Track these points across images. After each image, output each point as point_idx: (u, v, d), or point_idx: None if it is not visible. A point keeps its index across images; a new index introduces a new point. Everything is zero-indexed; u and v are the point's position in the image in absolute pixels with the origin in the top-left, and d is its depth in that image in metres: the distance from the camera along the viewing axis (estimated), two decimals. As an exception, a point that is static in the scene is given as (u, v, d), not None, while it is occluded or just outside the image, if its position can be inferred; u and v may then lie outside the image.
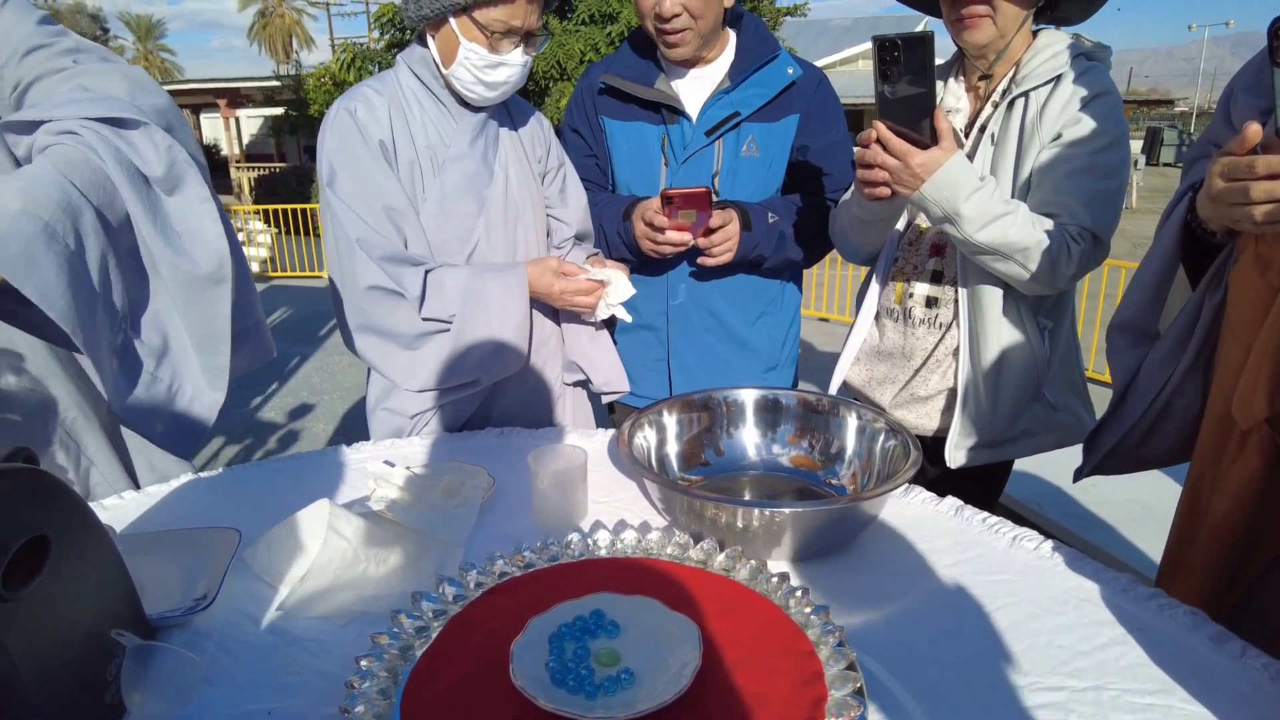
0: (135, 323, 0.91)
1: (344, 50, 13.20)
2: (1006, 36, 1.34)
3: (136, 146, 0.90)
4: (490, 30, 1.27)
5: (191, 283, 0.92)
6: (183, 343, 0.94)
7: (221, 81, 20.99)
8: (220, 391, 0.97)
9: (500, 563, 0.86)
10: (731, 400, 1.19)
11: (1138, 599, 0.89)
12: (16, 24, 0.98)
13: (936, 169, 1.18)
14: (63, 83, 0.96)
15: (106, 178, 0.86)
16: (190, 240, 0.93)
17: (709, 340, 1.70)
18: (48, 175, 0.80)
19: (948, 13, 1.37)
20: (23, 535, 0.64)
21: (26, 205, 0.75)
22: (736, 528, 0.91)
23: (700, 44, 1.55)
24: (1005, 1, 1.30)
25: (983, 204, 1.21)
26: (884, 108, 1.19)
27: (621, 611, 0.76)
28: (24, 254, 0.72)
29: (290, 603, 0.88)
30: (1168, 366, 1.10)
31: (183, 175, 0.93)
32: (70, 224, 0.79)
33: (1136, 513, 2.65)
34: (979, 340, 1.38)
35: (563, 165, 1.58)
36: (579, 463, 1.04)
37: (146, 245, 0.90)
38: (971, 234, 1.22)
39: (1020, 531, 1.02)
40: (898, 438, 1.05)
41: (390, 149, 1.33)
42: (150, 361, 0.90)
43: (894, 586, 0.92)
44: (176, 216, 0.93)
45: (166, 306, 0.93)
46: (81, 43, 1.02)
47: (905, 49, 1.13)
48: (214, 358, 0.95)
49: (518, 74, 1.34)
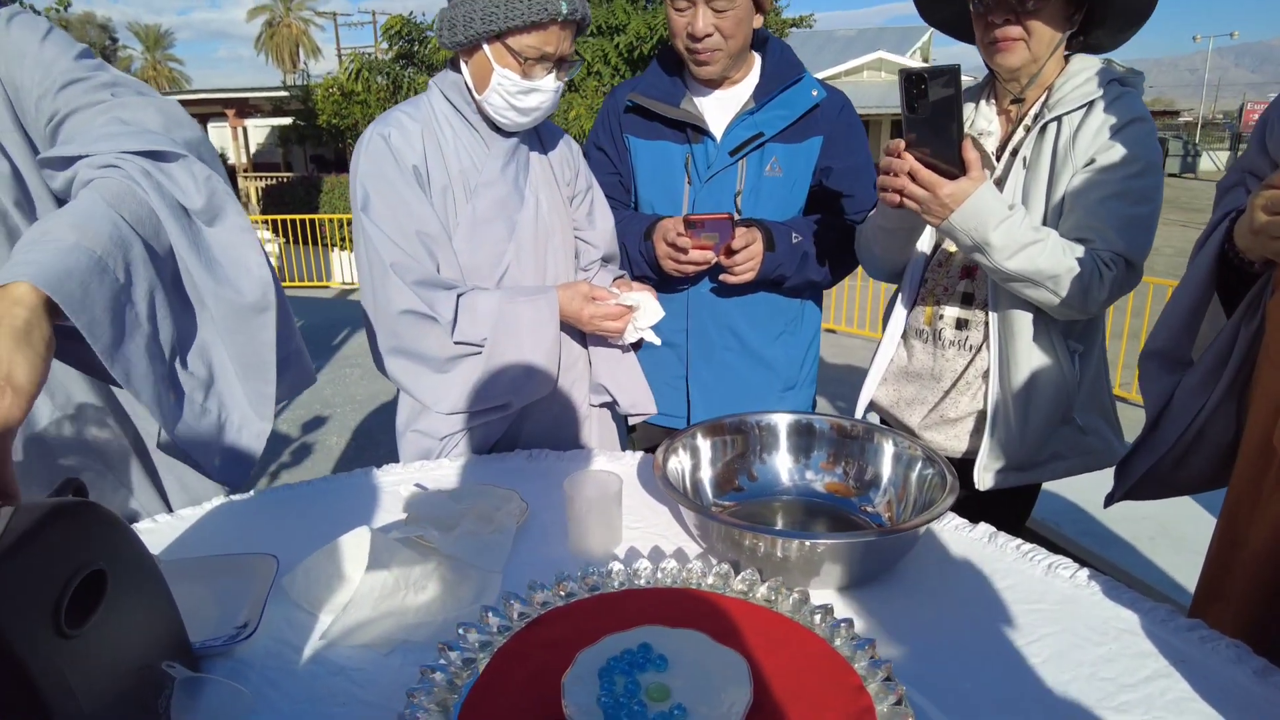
0: (182, 355, 0.92)
1: (352, 60, 13.28)
2: (1039, 60, 1.35)
3: (176, 179, 0.91)
4: (523, 56, 1.28)
5: (236, 312, 0.92)
6: (228, 373, 0.94)
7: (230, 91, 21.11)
8: (267, 421, 0.97)
9: (543, 593, 0.87)
10: (764, 425, 1.19)
11: (1178, 630, 0.89)
12: (57, 57, 1.00)
13: (965, 199, 1.19)
14: (99, 115, 0.97)
15: (151, 211, 0.86)
16: (233, 269, 0.94)
17: (728, 358, 1.70)
18: (98, 208, 0.81)
19: (981, 35, 1.38)
20: (82, 571, 0.64)
21: (81, 239, 0.76)
22: (775, 557, 0.91)
23: (729, 64, 1.57)
24: (1039, 25, 1.31)
25: (1012, 232, 1.21)
26: (912, 139, 1.20)
27: (669, 644, 0.76)
28: (81, 288, 0.73)
29: (334, 632, 0.88)
30: (1202, 393, 1.10)
31: (222, 205, 0.94)
32: (121, 257, 0.79)
33: (1153, 531, 2.64)
34: (1009, 363, 1.38)
35: (590, 188, 1.59)
36: (614, 490, 1.04)
37: (190, 276, 0.91)
38: (1001, 262, 1.23)
39: (1055, 559, 1.02)
40: (934, 466, 1.05)
41: (424, 174, 1.34)
42: (198, 393, 0.90)
43: (933, 617, 0.92)
44: (218, 247, 0.94)
45: (211, 337, 0.93)
46: (119, 77, 1.03)
47: (932, 81, 1.14)
48: (261, 385, 0.96)
49: (550, 100, 1.35)
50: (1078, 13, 1.35)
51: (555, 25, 1.28)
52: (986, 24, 1.35)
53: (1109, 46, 1.44)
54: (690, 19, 1.50)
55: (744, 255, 1.52)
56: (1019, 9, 1.31)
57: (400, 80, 12.72)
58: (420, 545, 1.01)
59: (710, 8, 1.48)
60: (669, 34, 1.59)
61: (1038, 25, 1.31)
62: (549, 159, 1.51)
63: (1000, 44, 1.34)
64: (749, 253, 1.52)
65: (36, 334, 0.67)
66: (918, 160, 1.20)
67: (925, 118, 1.17)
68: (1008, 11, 1.32)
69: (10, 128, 1.00)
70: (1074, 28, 1.36)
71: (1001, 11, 1.32)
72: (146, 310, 0.83)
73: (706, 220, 1.48)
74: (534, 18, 1.25)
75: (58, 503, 0.67)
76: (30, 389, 0.65)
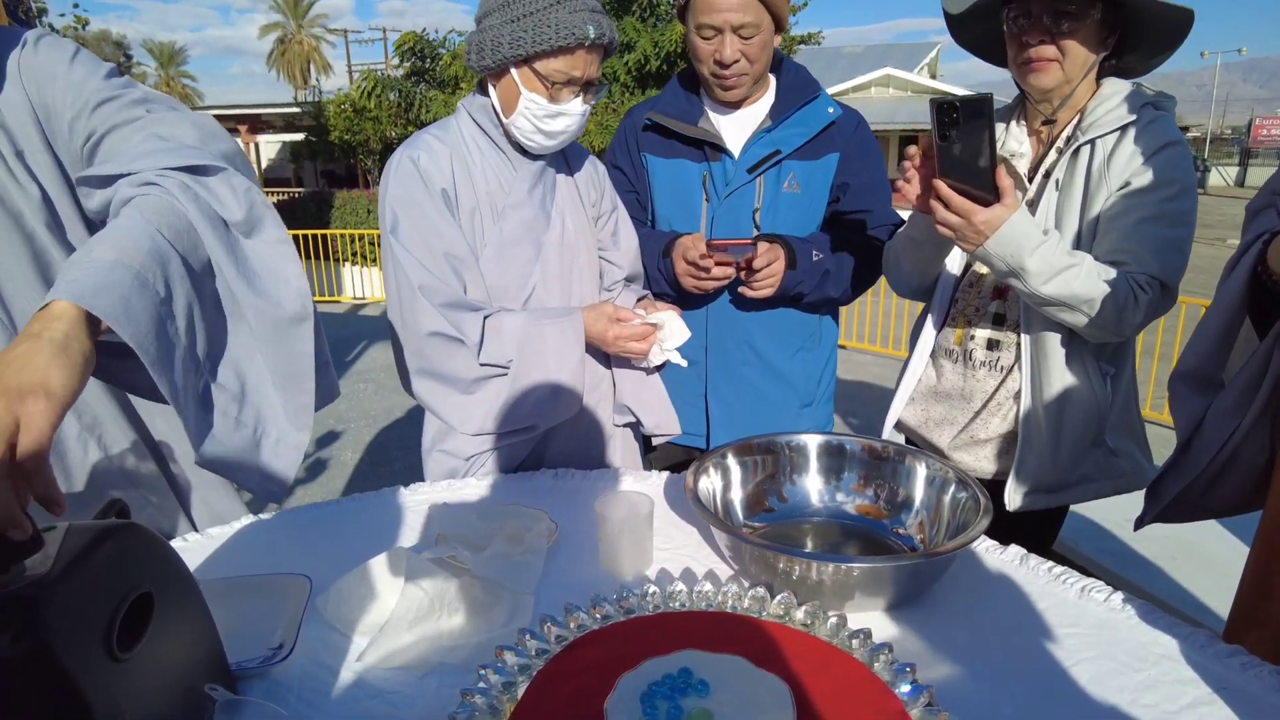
0: (214, 368, 0.92)
1: (364, 77, 13.43)
2: (1073, 82, 1.35)
3: (215, 192, 0.92)
4: (550, 81, 1.29)
5: (276, 324, 0.93)
6: (264, 385, 0.95)
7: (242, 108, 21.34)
8: (305, 431, 0.97)
9: (579, 615, 0.87)
10: (795, 445, 1.19)
11: (1218, 656, 0.88)
12: (87, 77, 1.01)
13: (1000, 225, 1.19)
14: (137, 132, 0.98)
15: (190, 225, 0.87)
16: (272, 281, 0.95)
17: (747, 373, 1.71)
18: (137, 225, 0.82)
19: (1014, 55, 1.39)
20: (131, 594, 0.65)
21: (120, 256, 0.77)
22: (810, 580, 0.91)
23: (752, 86, 1.60)
24: (1074, 46, 1.32)
25: (1047, 257, 1.21)
26: (944, 166, 1.20)
27: (710, 669, 0.76)
28: (122, 301, 0.74)
29: (370, 655, 0.88)
30: (1235, 416, 1.10)
31: (261, 217, 0.95)
32: (160, 271, 0.80)
33: (1175, 550, 2.62)
34: (1041, 384, 1.38)
35: (615, 209, 1.60)
36: (646, 511, 1.04)
37: (229, 289, 0.91)
38: (1037, 287, 1.23)
39: (1088, 582, 1.02)
40: (967, 489, 1.04)
41: (452, 197, 1.35)
42: (233, 407, 0.91)
43: (970, 640, 0.91)
44: (257, 258, 0.95)
45: (247, 350, 0.94)
46: (149, 93, 1.05)
47: (964, 111, 1.14)
48: (299, 395, 0.96)
49: (576, 123, 1.36)
50: (1111, 36, 1.36)
51: (582, 50, 1.29)
52: (1020, 44, 1.36)
53: (1140, 71, 1.44)
54: (717, 47, 1.52)
55: (765, 273, 1.52)
56: (1054, 29, 1.31)
57: (412, 97, 12.84)
58: (453, 566, 1.01)
59: (737, 35, 1.50)
60: (694, 59, 1.60)
61: (1072, 46, 1.32)
62: (575, 180, 1.51)
63: (1034, 64, 1.35)
64: (770, 270, 1.52)
65: (75, 345, 0.68)
66: (951, 188, 1.20)
67: (958, 145, 1.17)
68: (1043, 32, 1.32)
69: (40, 149, 1.02)
70: (1107, 50, 1.36)
71: (1036, 32, 1.33)
72: (185, 324, 0.84)
73: (730, 245, 1.49)
74: (561, 42, 1.26)
75: (106, 525, 0.68)
76: (65, 396, 0.66)
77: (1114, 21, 1.34)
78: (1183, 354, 1.20)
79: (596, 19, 1.29)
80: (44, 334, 0.66)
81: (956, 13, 1.44)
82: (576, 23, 1.26)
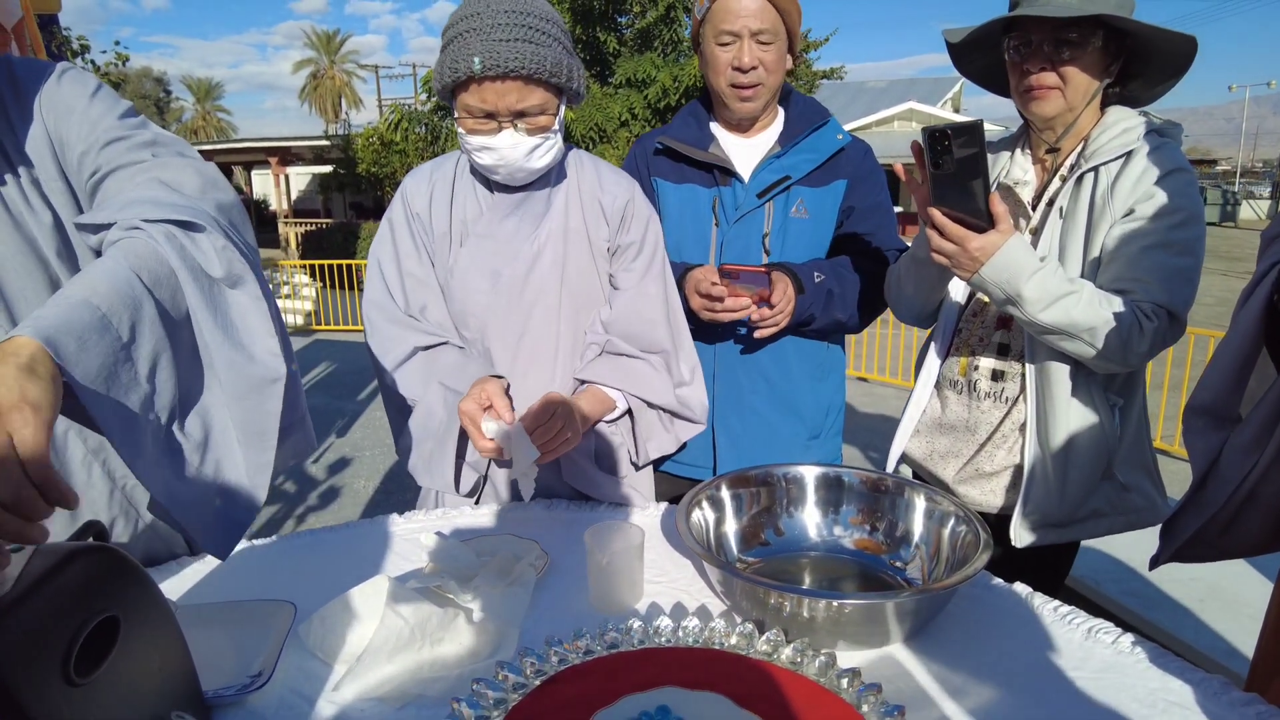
0: (183, 417, 0.92)
1: (392, 111, 13.69)
2: (1075, 109, 1.34)
3: (200, 246, 0.92)
4: (468, 114, 1.25)
5: (248, 380, 0.93)
6: (229, 438, 0.94)
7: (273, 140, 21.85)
8: (262, 491, 0.96)
9: (560, 649, 0.84)
10: (792, 477, 1.16)
11: (1233, 705, 0.83)
12: (103, 115, 1.03)
13: (995, 252, 1.18)
14: (139, 174, 0.99)
15: (171, 272, 0.87)
16: (248, 337, 0.95)
17: (755, 403, 1.69)
18: (115, 267, 0.82)
19: (1015, 84, 1.38)
20: (94, 618, 0.64)
21: (89, 296, 0.78)
22: (802, 616, 0.88)
23: (766, 102, 1.61)
24: (1075, 73, 1.30)
25: (1045, 284, 1.19)
26: (938, 194, 1.19)
27: (688, 708, 0.73)
28: (78, 341, 0.74)
29: (346, 683, 0.86)
30: (1253, 452, 1.05)
31: (241, 275, 0.95)
32: (128, 316, 0.81)
33: (1203, 593, 2.53)
34: (1047, 416, 1.34)
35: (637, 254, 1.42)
36: (637, 542, 1.02)
37: (204, 340, 0.91)
38: (1035, 315, 1.21)
39: (1095, 623, 0.97)
40: (968, 524, 1.01)
41: (426, 219, 1.38)
42: (195, 456, 0.90)
43: (967, 681, 0.87)
44: (236, 313, 0.95)
45: (217, 401, 0.93)
46: (160, 135, 1.06)
47: (956, 138, 1.14)
48: (260, 454, 0.95)
49: (511, 156, 1.26)
50: (1114, 63, 1.34)
51: (490, 81, 1.20)
52: (1022, 72, 1.35)
53: (1145, 100, 1.42)
54: (737, 52, 1.54)
55: (781, 306, 1.49)
56: (1055, 57, 1.30)
57: (438, 130, 13.06)
58: (438, 596, 0.99)
59: (755, 40, 1.52)
60: (711, 75, 1.61)
61: (1074, 73, 1.30)
62: (584, 217, 1.40)
63: (1035, 92, 1.33)
64: (781, 306, 1.50)
65: (41, 368, 0.68)
66: (946, 215, 1.19)
67: (951, 173, 1.17)
68: (1044, 60, 1.31)
69: (55, 178, 1.03)
70: (1110, 78, 1.35)
71: (1038, 60, 1.32)
72: (147, 370, 0.83)
73: (742, 272, 1.47)
74: (451, 77, 1.22)
75: (75, 547, 0.67)
76: (48, 411, 0.66)
77: (1117, 49, 1.33)
78: (1198, 386, 1.16)
79: (494, 49, 1.18)
80: (8, 360, 0.67)
81: (957, 41, 1.43)
82: (462, 55, 1.19)
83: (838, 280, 1.59)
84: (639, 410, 1.40)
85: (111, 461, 1.14)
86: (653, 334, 1.40)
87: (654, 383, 1.39)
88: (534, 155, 1.27)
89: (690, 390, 1.45)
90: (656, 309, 1.40)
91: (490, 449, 1.18)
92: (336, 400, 6.31)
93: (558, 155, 1.32)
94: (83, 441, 1.11)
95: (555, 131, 1.28)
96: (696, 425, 1.48)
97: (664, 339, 1.40)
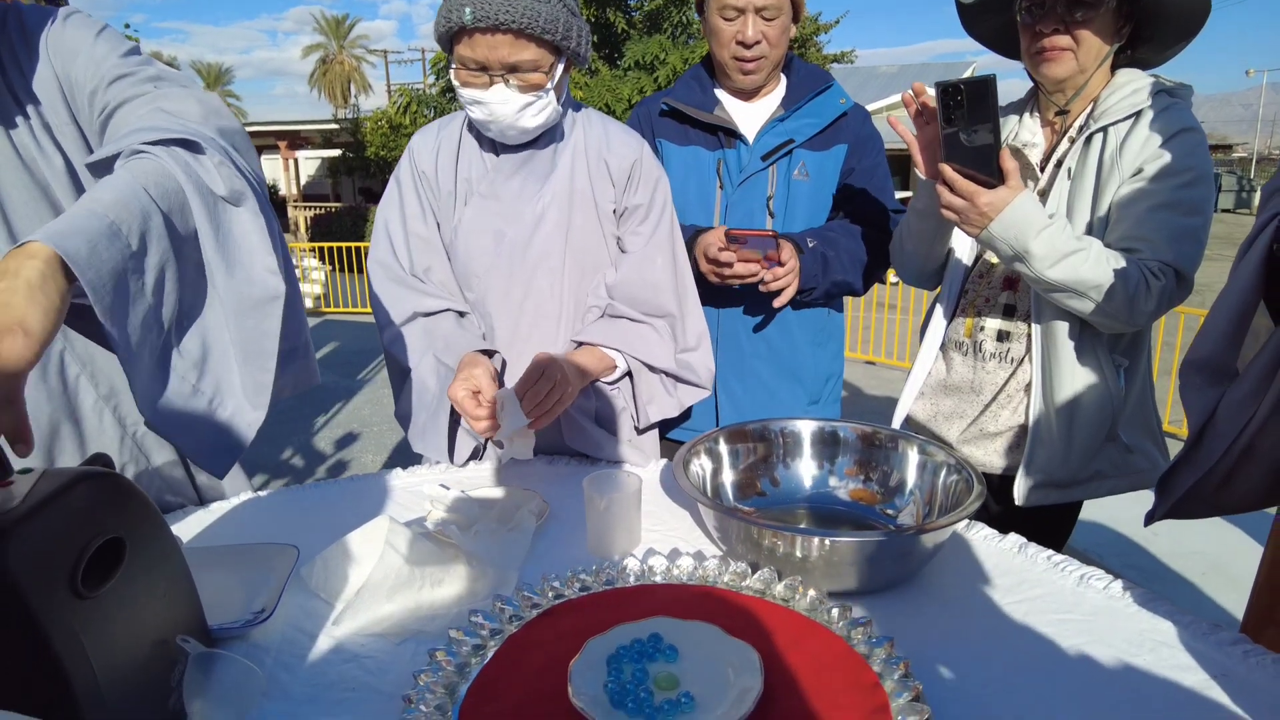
0: (181, 332, 0.93)
1: (400, 94, 13.66)
2: (1086, 71, 1.33)
3: (204, 165, 0.94)
4: (462, 66, 1.24)
5: (245, 299, 0.94)
6: (227, 357, 0.95)
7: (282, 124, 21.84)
8: (261, 410, 0.97)
9: (556, 584, 0.86)
10: (788, 431, 1.17)
11: (1221, 644, 0.84)
12: (108, 54, 1.05)
13: (1004, 207, 1.18)
14: (143, 105, 1.01)
15: (179, 188, 0.89)
16: (247, 255, 0.96)
17: (757, 367, 1.70)
18: (123, 181, 0.84)
19: (1026, 45, 1.37)
20: (100, 537, 0.66)
21: (95, 206, 0.80)
22: (795, 557, 0.89)
23: (769, 74, 1.62)
24: (1088, 35, 1.30)
25: (1052, 241, 1.19)
26: (949, 151, 1.20)
27: (680, 636, 0.75)
28: (88, 245, 0.76)
29: (345, 618, 0.88)
30: (1250, 406, 1.05)
31: (242, 192, 0.97)
32: (136, 226, 0.82)
33: (1204, 566, 2.53)
34: (1052, 377, 1.35)
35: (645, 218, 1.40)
36: (634, 489, 1.03)
37: (207, 257, 0.93)
38: (1043, 271, 1.21)
39: (1088, 570, 0.98)
40: (960, 473, 1.02)
41: (432, 178, 1.37)
42: (191, 373, 0.92)
43: (958, 623, 0.89)
44: (238, 230, 0.96)
45: (217, 319, 0.95)
46: (164, 71, 1.08)
47: (968, 92, 1.14)
48: (259, 374, 0.96)
49: (500, 112, 1.24)
50: (1126, 25, 1.34)
51: (481, 34, 1.19)
52: (1034, 34, 1.34)
53: (1155, 63, 1.42)
54: (740, 27, 1.54)
55: (790, 266, 1.50)
56: (1068, 19, 1.30)
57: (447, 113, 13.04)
58: (439, 540, 1.01)
59: (760, 15, 1.53)
60: (714, 45, 1.62)
61: (1086, 35, 1.30)
62: (590, 177, 1.37)
63: (1048, 54, 1.33)
64: (791, 265, 1.50)
65: (50, 285, 0.70)
66: (955, 171, 1.19)
67: (962, 129, 1.17)
68: (1057, 21, 1.31)
69: (67, 121, 1.05)
70: (1122, 40, 1.34)
71: (1051, 21, 1.31)
72: (154, 281, 0.85)
73: (749, 236, 1.47)
74: (445, 27, 1.22)
75: (82, 470, 0.69)
76: (43, 335, 0.68)
77: (1129, 11, 1.32)
78: (1194, 341, 1.16)
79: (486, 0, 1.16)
80: (21, 272, 0.68)
81: (970, 1, 1.43)
82: (455, 5, 1.18)
83: (830, 244, 1.59)
84: (639, 372, 1.40)
85: (123, 408, 1.16)
86: (657, 299, 1.38)
87: (654, 346, 1.39)
88: (525, 113, 1.25)
89: (696, 355, 1.44)
90: (662, 274, 1.38)
91: (485, 430, 1.20)
92: (345, 378, 6.35)
93: (553, 116, 1.29)
94: (94, 387, 1.13)
95: (549, 90, 1.26)
96: (701, 390, 1.47)
97: (669, 304, 1.39)
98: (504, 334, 1.39)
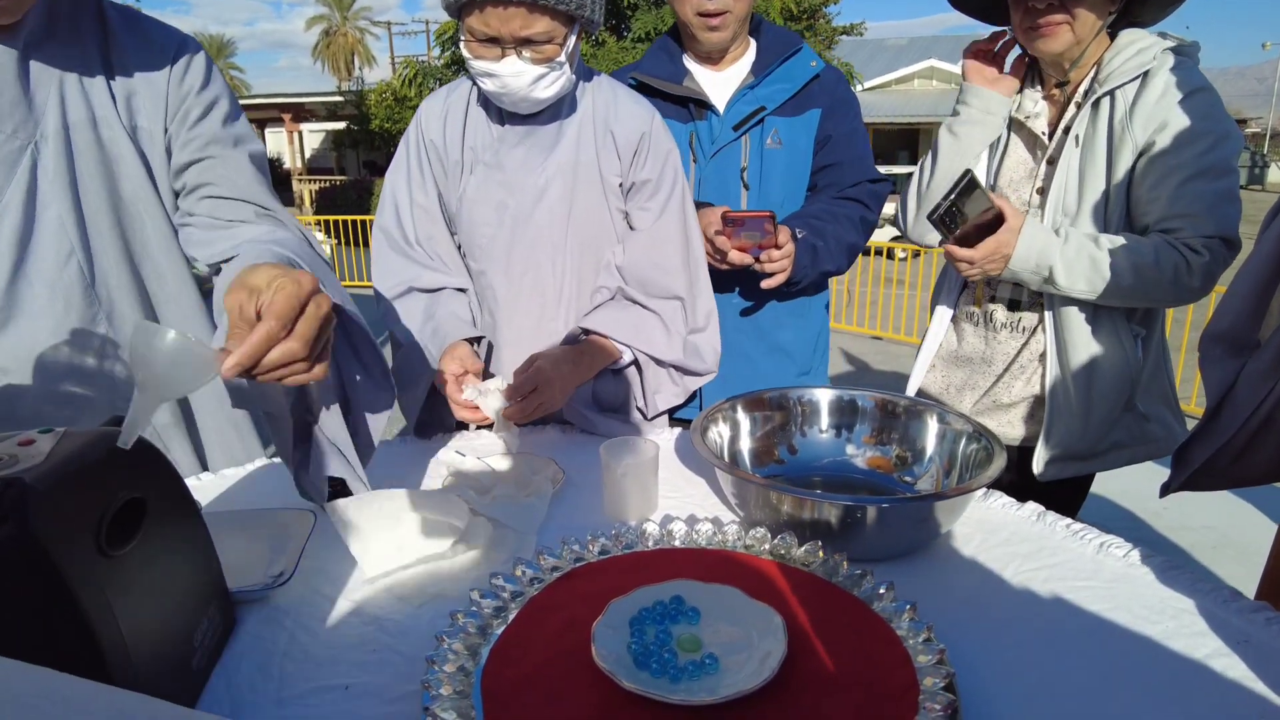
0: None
1: (406, 66, 13.55)
2: (1083, 43, 1.31)
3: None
4: (473, 37, 1.21)
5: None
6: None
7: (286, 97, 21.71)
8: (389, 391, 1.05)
9: (576, 547, 0.86)
10: (806, 400, 1.17)
11: (1240, 611, 0.84)
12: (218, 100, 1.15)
13: (1015, 241, 1.24)
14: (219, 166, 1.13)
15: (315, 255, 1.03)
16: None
17: (741, 341, 1.66)
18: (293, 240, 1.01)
19: (1019, 20, 1.34)
20: (122, 495, 0.66)
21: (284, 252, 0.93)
22: (814, 522, 0.89)
23: (737, 30, 1.56)
24: (1083, 10, 1.27)
25: (1071, 253, 1.24)
26: (945, 227, 1.28)
27: (702, 598, 0.75)
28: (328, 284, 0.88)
29: (365, 583, 0.88)
30: (1270, 378, 1.04)
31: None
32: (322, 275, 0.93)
33: (1215, 540, 2.53)
34: (1067, 347, 1.34)
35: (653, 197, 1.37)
36: (651, 455, 1.03)
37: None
38: (1073, 285, 1.27)
39: (1107, 538, 0.98)
40: (980, 441, 1.02)
41: (440, 146, 1.36)
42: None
43: (978, 590, 0.89)
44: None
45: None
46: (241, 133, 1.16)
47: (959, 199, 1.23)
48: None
49: (514, 84, 1.22)
50: None
51: (493, 6, 1.15)
52: (1027, 9, 1.31)
53: (1151, 23, 1.39)
54: None
55: (786, 249, 1.47)
56: None
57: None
58: (458, 504, 1.01)
59: None
60: (676, 7, 1.56)
61: (1082, 10, 1.27)
62: (596, 151, 1.34)
63: (1044, 29, 1.30)
64: (787, 250, 1.47)
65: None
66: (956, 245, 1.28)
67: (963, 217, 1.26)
68: None
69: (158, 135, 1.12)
70: (1116, 11, 1.32)
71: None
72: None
73: (746, 218, 1.44)
74: None
75: (102, 431, 0.69)
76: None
77: None
78: (1216, 312, 1.15)
79: None
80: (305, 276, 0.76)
81: None
82: None
83: (819, 234, 1.55)
84: (646, 364, 1.37)
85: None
86: (667, 280, 1.36)
87: (661, 339, 1.36)
88: (539, 85, 1.22)
89: (704, 336, 1.42)
90: (672, 253, 1.36)
91: (469, 417, 1.22)
92: (352, 353, 6.34)
93: (566, 86, 1.27)
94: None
95: (562, 62, 1.23)
96: (706, 375, 1.45)
97: (679, 285, 1.37)
98: (505, 306, 1.37)
